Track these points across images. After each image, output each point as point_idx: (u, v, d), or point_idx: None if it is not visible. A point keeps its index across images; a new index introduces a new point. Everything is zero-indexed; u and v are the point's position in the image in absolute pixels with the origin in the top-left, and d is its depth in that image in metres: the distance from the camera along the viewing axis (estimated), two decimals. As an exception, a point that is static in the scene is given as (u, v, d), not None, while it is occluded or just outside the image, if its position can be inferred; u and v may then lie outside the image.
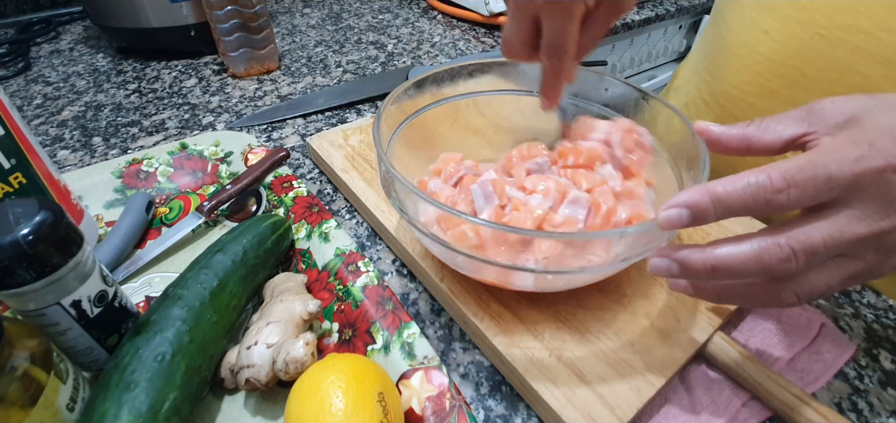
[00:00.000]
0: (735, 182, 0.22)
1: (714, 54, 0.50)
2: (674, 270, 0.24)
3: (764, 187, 0.21)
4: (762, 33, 0.43)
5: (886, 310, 0.36)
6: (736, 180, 0.22)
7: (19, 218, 0.23)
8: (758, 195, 0.21)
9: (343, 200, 0.45)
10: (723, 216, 0.22)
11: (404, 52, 0.77)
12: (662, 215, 0.23)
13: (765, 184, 0.21)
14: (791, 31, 0.41)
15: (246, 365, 0.27)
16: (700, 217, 0.23)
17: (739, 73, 0.46)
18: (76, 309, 0.26)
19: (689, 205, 0.23)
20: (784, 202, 0.21)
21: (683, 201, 0.23)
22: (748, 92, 0.45)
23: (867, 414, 0.29)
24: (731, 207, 0.22)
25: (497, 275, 0.30)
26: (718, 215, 0.22)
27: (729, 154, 0.27)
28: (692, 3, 1.06)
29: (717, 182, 0.22)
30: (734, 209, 0.22)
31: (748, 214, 0.22)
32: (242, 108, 0.61)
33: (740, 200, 0.22)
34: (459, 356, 0.32)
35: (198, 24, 0.70)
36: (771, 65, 0.42)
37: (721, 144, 0.27)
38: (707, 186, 0.22)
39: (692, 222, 0.23)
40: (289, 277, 0.34)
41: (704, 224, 0.23)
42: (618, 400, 0.27)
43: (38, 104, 0.61)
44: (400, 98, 0.36)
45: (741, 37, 0.45)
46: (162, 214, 0.42)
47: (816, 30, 0.39)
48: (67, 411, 0.24)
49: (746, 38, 0.44)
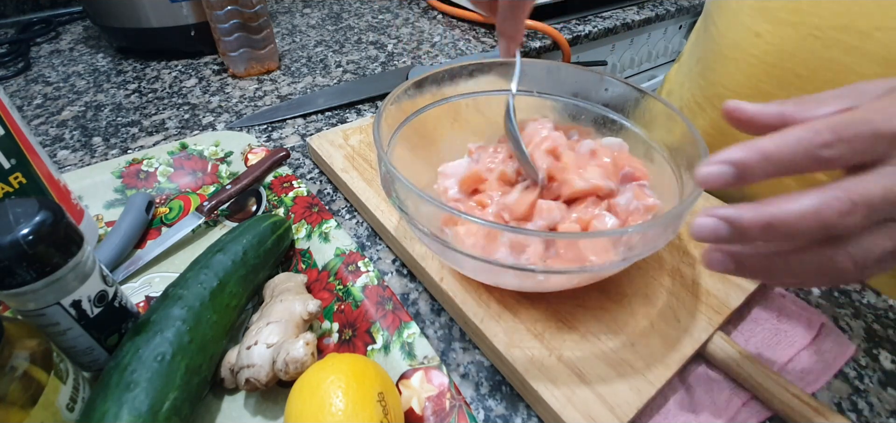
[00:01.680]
0: (785, 137, 0.21)
1: (706, 57, 0.50)
2: (721, 231, 0.21)
3: (812, 141, 0.20)
4: (754, 36, 0.43)
5: (886, 310, 0.36)
6: (786, 135, 0.21)
7: (19, 218, 0.23)
8: (808, 150, 0.20)
9: (343, 200, 0.45)
10: (769, 174, 0.21)
11: (404, 52, 0.77)
12: (701, 171, 0.22)
13: (813, 138, 0.20)
14: (784, 33, 0.41)
15: (246, 365, 0.27)
16: (745, 174, 0.21)
17: (732, 75, 0.46)
18: (76, 309, 0.26)
19: (733, 161, 0.21)
20: (832, 157, 0.20)
21: (727, 158, 0.21)
22: (742, 94, 0.45)
23: (867, 414, 0.29)
24: (780, 162, 0.20)
25: (496, 275, 0.30)
26: (765, 172, 0.21)
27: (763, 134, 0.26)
28: (692, 2, 1.06)
29: (765, 138, 0.21)
30: (782, 166, 0.21)
31: (795, 171, 0.21)
32: (242, 108, 0.61)
33: (789, 154, 0.20)
34: (459, 356, 0.32)
35: (198, 24, 0.70)
36: (764, 67, 0.42)
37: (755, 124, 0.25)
38: (754, 141, 0.21)
39: (736, 181, 0.21)
40: (289, 277, 0.34)
41: (748, 184, 0.21)
42: (618, 400, 0.27)
43: (38, 104, 0.61)
44: (400, 98, 0.36)
45: (733, 39, 0.45)
46: (162, 214, 0.42)
47: (809, 31, 0.39)
48: (67, 411, 0.24)
49: (739, 40, 0.45)
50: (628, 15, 0.94)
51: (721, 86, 0.47)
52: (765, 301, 0.35)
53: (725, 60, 0.47)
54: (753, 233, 0.21)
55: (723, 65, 0.47)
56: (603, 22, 0.89)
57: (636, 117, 0.38)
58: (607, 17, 0.92)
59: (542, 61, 0.41)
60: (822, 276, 0.22)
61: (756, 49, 0.43)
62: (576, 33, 0.84)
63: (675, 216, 0.26)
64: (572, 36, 0.83)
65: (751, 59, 0.44)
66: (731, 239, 0.21)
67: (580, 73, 0.40)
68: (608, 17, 0.91)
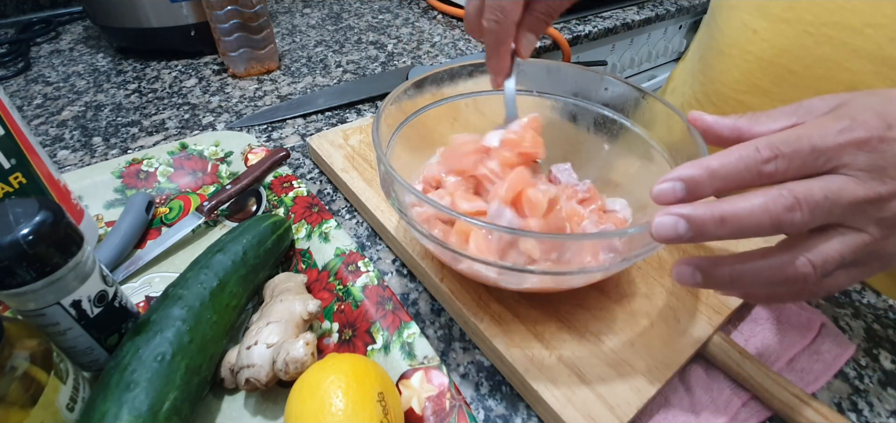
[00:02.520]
0: (728, 155, 0.22)
1: (707, 55, 0.51)
2: (680, 227, 0.22)
3: (753, 158, 0.22)
4: (752, 33, 0.44)
5: (886, 310, 0.36)
6: (729, 153, 0.22)
7: (19, 218, 0.23)
8: (749, 165, 0.22)
9: (343, 200, 0.45)
10: (717, 190, 0.23)
11: (404, 52, 0.77)
12: (655, 188, 0.23)
13: (754, 155, 0.22)
14: (779, 30, 0.42)
15: (246, 365, 0.27)
16: (695, 190, 0.23)
17: (730, 72, 0.47)
18: (76, 309, 0.26)
19: (683, 178, 0.23)
20: (773, 172, 0.22)
21: (678, 175, 0.23)
22: (739, 90, 0.46)
23: (867, 414, 0.29)
24: (726, 178, 0.22)
25: (496, 276, 0.30)
26: (713, 187, 0.23)
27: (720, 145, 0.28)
28: (692, 2, 1.06)
29: (712, 156, 0.23)
30: (728, 181, 0.22)
31: (741, 185, 0.22)
32: (242, 108, 0.61)
33: (733, 170, 0.22)
34: (459, 356, 0.32)
35: (198, 24, 0.70)
36: (760, 63, 0.44)
37: (713, 133, 0.28)
38: (701, 160, 0.23)
39: (686, 196, 0.23)
40: (289, 277, 0.34)
41: (699, 199, 0.23)
42: (618, 400, 0.27)
43: (38, 104, 0.61)
44: (400, 98, 0.36)
45: (732, 37, 0.46)
46: (162, 214, 0.42)
47: (804, 28, 0.40)
48: (67, 411, 0.24)
49: (737, 38, 0.46)
50: (628, 15, 0.94)
51: (719, 82, 0.48)
52: (765, 301, 0.35)
53: (724, 57, 0.48)
54: (710, 228, 0.22)
55: (721, 61, 0.48)
56: (603, 22, 0.89)
57: (636, 117, 0.38)
58: (607, 17, 0.92)
59: (542, 61, 0.41)
60: (789, 283, 0.23)
61: (753, 46, 0.44)
62: (576, 33, 0.84)
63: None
64: (572, 36, 0.83)
65: (748, 56, 0.45)
66: (690, 233, 0.22)
67: (580, 72, 0.40)
68: (608, 17, 0.91)
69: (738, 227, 0.22)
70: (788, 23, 0.41)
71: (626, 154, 0.39)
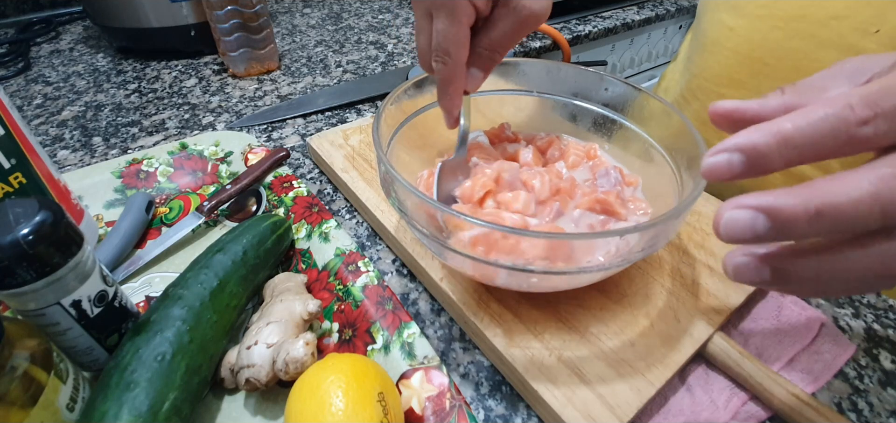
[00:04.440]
0: (808, 115, 0.17)
1: (692, 54, 0.54)
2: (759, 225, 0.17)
3: (845, 120, 0.16)
4: (729, 30, 0.47)
5: (886, 310, 0.36)
6: (808, 113, 0.17)
7: (19, 218, 0.23)
8: (837, 128, 0.16)
9: (343, 200, 0.45)
10: (789, 162, 0.17)
11: (404, 52, 0.77)
12: (708, 160, 0.18)
13: (846, 114, 0.16)
14: (753, 26, 0.44)
15: (246, 365, 0.27)
16: (757, 163, 0.17)
17: (711, 67, 0.50)
18: (76, 309, 0.26)
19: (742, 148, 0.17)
20: (869, 137, 0.16)
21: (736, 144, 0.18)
22: (719, 83, 0.49)
23: (867, 414, 0.29)
24: (802, 146, 0.17)
25: (495, 275, 0.30)
26: (784, 159, 0.17)
27: None
28: (692, 3, 1.06)
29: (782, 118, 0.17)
30: (805, 151, 0.17)
31: (822, 156, 0.17)
32: (242, 108, 0.61)
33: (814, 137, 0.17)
34: (459, 356, 0.32)
35: (198, 24, 0.70)
36: (737, 57, 0.46)
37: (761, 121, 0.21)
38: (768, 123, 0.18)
39: (746, 171, 0.18)
40: (289, 277, 0.34)
41: (761, 174, 0.18)
42: (618, 400, 0.27)
43: (38, 104, 0.61)
44: (400, 98, 0.36)
45: (712, 35, 0.49)
46: (162, 214, 0.42)
47: (774, 23, 0.42)
48: (67, 411, 0.24)
49: (716, 35, 0.49)
50: (628, 15, 0.94)
51: (702, 78, 0.51)
52: (765, 301, 0.35)
53: (706, 54, 0.50)
54: (800, 226, 0.16)
55: (703, 58, 0.51)
56: (603, 22, 0.89)
57: (636, 117, 0.38)
58: (607, 17, 0.92)
59: (542, 61, 0.41)
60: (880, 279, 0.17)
61: (730, 42, 0.47)
62: (576, 33, 0.84)
63: (674, 216, 0.26)
64: (572, 36, 0.83)
65: (726, 52, 0.47)
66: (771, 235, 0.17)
67: (580, 72, 0.40)
68: (608, 17, 0.91)
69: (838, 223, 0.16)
70: (761, 19, 0.43)
71: (627, 154, 0.39)
